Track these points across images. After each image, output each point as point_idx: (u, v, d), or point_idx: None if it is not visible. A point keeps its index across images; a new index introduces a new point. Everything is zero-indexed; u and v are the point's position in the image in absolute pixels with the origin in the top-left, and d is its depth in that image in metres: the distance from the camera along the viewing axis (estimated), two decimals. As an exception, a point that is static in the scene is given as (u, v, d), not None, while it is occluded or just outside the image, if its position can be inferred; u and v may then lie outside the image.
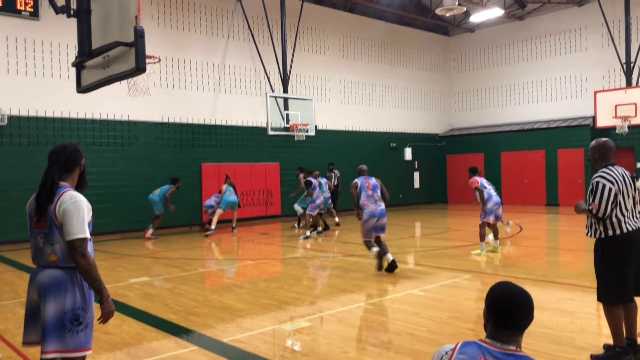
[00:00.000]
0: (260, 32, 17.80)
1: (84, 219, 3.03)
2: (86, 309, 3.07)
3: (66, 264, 3.05)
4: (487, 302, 2.06)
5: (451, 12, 16.35)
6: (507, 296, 2.02)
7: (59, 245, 3.03)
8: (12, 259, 10.71)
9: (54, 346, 2.98)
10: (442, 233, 13.73)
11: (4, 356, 4.92)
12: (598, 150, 4.57)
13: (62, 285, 3.02)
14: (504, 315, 1.99)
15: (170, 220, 15.59)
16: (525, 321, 2.00)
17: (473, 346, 2.01)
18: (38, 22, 13.54)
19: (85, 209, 3.07)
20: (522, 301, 2.01)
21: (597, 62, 20.00)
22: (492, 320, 2.03)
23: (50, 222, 3.04)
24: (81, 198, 3.08)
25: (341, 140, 20.04)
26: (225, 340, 5.31)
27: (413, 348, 4.90)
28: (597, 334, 5.31)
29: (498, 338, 1.99)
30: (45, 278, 3.04)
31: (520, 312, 1.99)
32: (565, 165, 20.08)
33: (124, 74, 4.06)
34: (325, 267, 9.64)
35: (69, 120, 14.04)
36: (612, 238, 4.41)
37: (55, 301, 3.00)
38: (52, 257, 3.04)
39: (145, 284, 8.12)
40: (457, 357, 1.99)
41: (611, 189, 4.33)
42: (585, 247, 11.49)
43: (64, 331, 2.99)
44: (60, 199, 3.05)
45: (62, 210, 3.01)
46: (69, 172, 3.19)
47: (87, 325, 3.07)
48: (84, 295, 3.08)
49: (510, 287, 2.05)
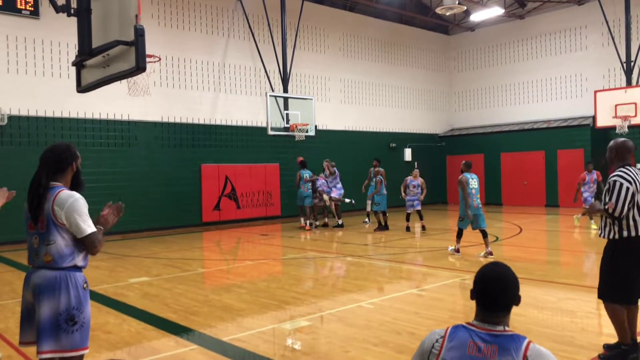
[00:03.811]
0: (260, 31, 17.79)
1: (88, 215, 3.10)
2: (81, 309, 3.05)
3: (60, 265, 3.04)
4: (473, 283, 2.15)
5: (451, 11, 16.35)
6: (488, 278, 2.09)
7: (54, 246, 3.03)
8: (12, 259, 10.71)
9: (50, 346, 2.98)
10: (442, 233, 13.72)
11: (4, 355, 4.92)
12: (616, 150, 4.48)
13: (56, 286, 3.01)
14: (484, 296, 2.08)
15: (170, 221, 15.62)
16: (506, 302, 2.05)
17: (462, 330, 2.06)
18: (38, 21, 13.58)
19: (85, 205, 3.12)
20: (502, 283, 2.06)
21: (597, 61, 19.99)
22: (476, 301, 2.11)
23: (49, 222, 3.04)
24: (78, 196, 3.12)
25: (341, 140, 20.03)
26: (226, 339, 5.30)
27: (413, 347, 4.89)
28: (597, 333, 5.30)
29: (485, 319, 2.06)
30: (39, 279, 3.05)
31: (501, 294, 2.05)
32: (565, 166, 20.06)
33: (124, 73, 4.06)
34: (326, 267, 9.64)
35: (68, 120, 14.03)
36: (626, 239, 4.31)
37: (50, 302, 2.99)
38: (46, 257, 3.04)
39: (145, 284, 8.12)
40: (447, 345, 2.02)
41: (629, 188, 4.23)
42: (585, 248, 11.49)
43: (59, 331, 2.99)
44: (57, 199, 3.05)
45: (64, 211, 3.03)
46: (61, 173, 3.18)
47: (82, 325, 3.05)
48: (79, 295, 3.06)
49: (494, 269, 2.12)
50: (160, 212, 15.39)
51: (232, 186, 16.99)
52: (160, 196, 15.42)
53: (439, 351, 2.05)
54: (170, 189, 15.67)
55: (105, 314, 6.32)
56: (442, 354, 2.03)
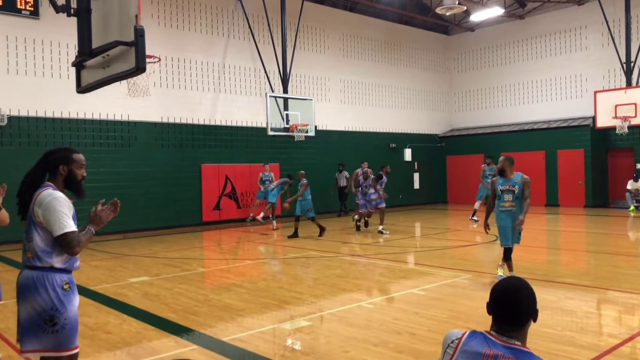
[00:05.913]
0: (260, 31, 17.79)
1: (65, 214, 3.01)
2: (61, 310, 3.00)
3: (39, 264, 3.03)
4: (489, 296, 2.14)
5: (451, 11, 16.35)
6: (503, 292, 2.08)
7: (33, 243, 3.04)
8: (12, 259, 10.71)
9: (32, 345, 2.99)
10: (442, 233, 13.72)
11: (4, 356, 4.92)
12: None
13: (33, 286, 3.01)
14: (498, 309, 2.07)
15: (170, 220, 15.62)
16: (518, 318, 2.04)
17: (479, 337, 2.06)
18: (38, 21, 13.58)
19: (65, 204, 3.03)
20: (516, 298, 2.05)
21: (597, 61, 19.99)
22: (491, 313, 2.11)
23: (29, 220, 3.07)
24: (58, 195, 3.05)
25: (341, 141, 20.03)
26: (225, 339, 5.30)
27: (413, 347, 4.89)
28: (597, 333, 5.31)
29: (502, 331, 2.05)
30: (21, 279, 3.08)
31: (512, 308, 2.04)
32: (565, 166, 20.06)
33: (124, 73, 4.05)
34: (326, 266, 9.64)
35: (68, 121, 14.03)
36: None
37: (29, 301, 3.01)
38: (28, 254, 3.07)
39: (145, 284, 8.12)
40: (461, 348, 2.03)
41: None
42: (585, 247, 11.49)
43: (38, 331, 2.98)
44: (38, 198, 3.05)
45: (41, 208, 3.00)
46: (52, 175, 3.18)
47: (63, 327, 3.00)
48: (58, 296, 3.01)
49: (510, 283, 2.12)
50: (160, 212, 15.39)
51: (232, 186, 17.00)
52: (160, 196, 15.42)
53: (453, 353, 2.06)
54: (170, 189, 15.67)
55: (105, 314, 6.32)
56: (456, 355, 2.05)
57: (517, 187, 7.30)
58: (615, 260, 9.43)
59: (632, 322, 5.64)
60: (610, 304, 6.56)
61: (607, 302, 6.69)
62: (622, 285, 7.34)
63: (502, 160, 7.43)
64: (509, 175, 7.38)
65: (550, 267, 9.05)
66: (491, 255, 10.03)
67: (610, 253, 10.18)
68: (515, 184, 7.32)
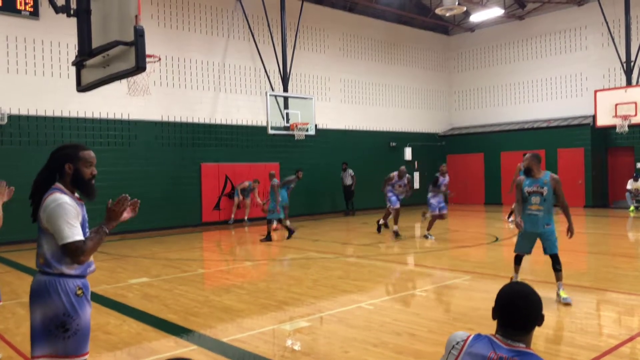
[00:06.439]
0: (260, 31, 17.78)
1: (70, 222, 2.85)
2: (74, 316, 2.93)
3: (50, 269, 2.93)
4: (495, 301, 2.13)
5: (451, 12, 16.34)
6: (510, 299, 2.07)
7: (43, 249, 2.94)
8: (12, 260, 10.70)
9: (42, 351, 2.92)
10: (442, 234, 13.71)
11: (4, 356, 4.92)
12: None
13: (45, 291, 2.92)
14: (503, 314, 2.07)
15: (170, 221, 15.61)
16: (525, 325, 2.05)
17: (484, 340, 2.06)
18: (38, 22, 13.53)
19: (69, 210, 2.87)
20: (524, 306, 2.05)
21: (597, 61, 19.99)
22: (496, 317, 2.10)
23: (38, 225, 2.97)
24: (63, 200, 2.88)
25: (341, 140, 20.02)
26: (225, 339, 5.30)
27: (413, 348, 4.89)
28: (597, 333, 5.30)
29: (507, 335, 2.05)
30: (34, 284, 2.99)
31: (518, 314, 2.04)
32: (565, 165, 20.06)
33: (124, 73, 4.05)
34: (325, 267, 9.63)
35: (68, 120, 14.02)
36: None
37: (40, 307, 2.93)
38: (40, 259, 2.97)
39: (145, 285, 8.11)
40: (466, 350, 2.03)
41: None
42: (585, 248, 11.48)
43: (50, 337, 2.91)
44: (44, 202, 2.92)
45: (46, 214, 2.88)
46: (60, 175, 3.02)
47: (75, 333, 2.93)
48: (71, 301, 2.92)
49: (517, 288, 2.12)
50: (160, 212, 15.37)
51: (232, 185, 16.98)
52: (160, 196, 15.40)
53: (458, 354, 2.06)
54: (170, 189, 15.66)
55: (105, 315, 6.31)
56: (461, 357, 2.05)
57: (546, 188, 6.61)
58: (615, 261, 9.42)
59: (632, 323, 5.64)
60: (610, 305, 6.56)
61: (607, 302, 6.69)
62: (621, 286, 7.34)
63: (528, 157, 6.61)
64: (537, 175, 6.62)
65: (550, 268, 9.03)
66: (491, 256, 10.02)
67: (610, 254, 10.18)
68: (545, 184, 6.60)
